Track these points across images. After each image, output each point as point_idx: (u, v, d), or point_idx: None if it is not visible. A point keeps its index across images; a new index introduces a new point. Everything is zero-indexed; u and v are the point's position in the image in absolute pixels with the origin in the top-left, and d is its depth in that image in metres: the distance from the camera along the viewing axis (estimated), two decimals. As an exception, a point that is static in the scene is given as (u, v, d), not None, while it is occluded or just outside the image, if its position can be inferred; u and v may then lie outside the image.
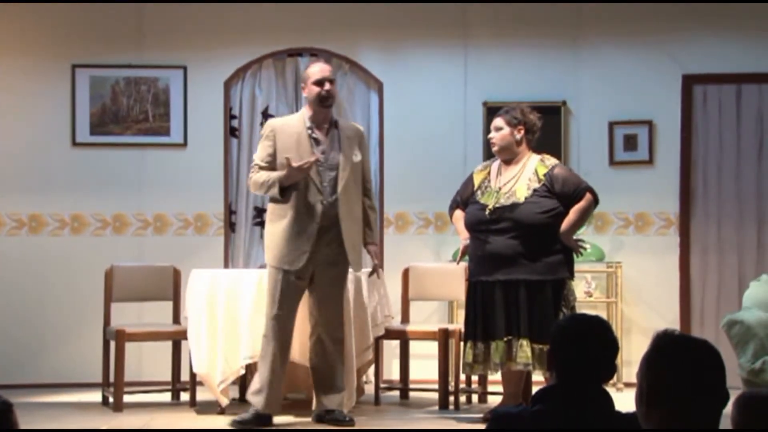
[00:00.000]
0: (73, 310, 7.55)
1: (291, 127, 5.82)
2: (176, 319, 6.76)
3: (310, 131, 5.78)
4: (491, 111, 7.63)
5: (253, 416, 5.74)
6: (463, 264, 6.91)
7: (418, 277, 6.97)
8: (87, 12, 7.70)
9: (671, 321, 7.40)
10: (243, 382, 6.61)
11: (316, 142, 5.78)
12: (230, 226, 7.81)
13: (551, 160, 5.90)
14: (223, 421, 5.97)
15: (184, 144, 7.73)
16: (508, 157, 5.90)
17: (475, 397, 6.78)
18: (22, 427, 2.32)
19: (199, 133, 7.73)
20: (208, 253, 7.64)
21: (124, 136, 7.72)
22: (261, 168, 5.77)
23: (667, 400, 2.31)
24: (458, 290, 6.81)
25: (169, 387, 6.72)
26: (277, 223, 5.75)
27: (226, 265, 7.67)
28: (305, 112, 5.86)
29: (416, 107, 7.78)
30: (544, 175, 5.78)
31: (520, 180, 5.81)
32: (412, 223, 7.76)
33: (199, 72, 7.72)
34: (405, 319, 6.95)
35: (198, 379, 6.34)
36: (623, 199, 7.64)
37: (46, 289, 7.59)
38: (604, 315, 7.53)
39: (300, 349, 6.06)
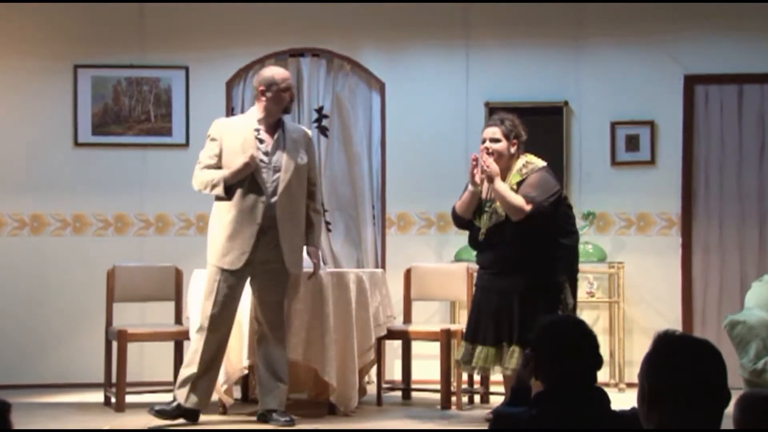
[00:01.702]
0: (75, 310, 7.55)
1: (238, 127, 5.90)
2: (178, 319, 6.77)
3: (256, 132, 5.85)
4: (493, 111, 7.62)
5: (173, 409, 5.79)
6: (464, 264, 6.92)
7: (420, 277, 6.97)
8: (89, 12, 7.70)
9: (673, 321, 7.40)
10: (245, 382, 6.62)
11: (260, 142, 5.84)
12: (232, 227, 7.80)
13: (532, 165, 5.79)
14: (226, 421, 5.99)
15: (186, 144, 7.73)
16: (500, 169, 5.83)
17: (477, 398, 6.78)
18: (25, 427, 2.33)
19: (200, 134, 7.67)
20: (210, 253, 7.63)
21: (126, 136, 7.72)
22: (205, 167, 5.85)
23: (669, 401, 2.31)
24: (460, 290, 6.81)
25: (171, 387, 6.71)
26: (220, 221, 5.83)
27: (227, 266, 7.67)
28: (255, 113, 5.92)
29: (418, 107, 7.78)
30: (518, 183, 5.73)
31: None
32: (413, 224, 7.76)
33: (201, 72, 7.73)
34: (407, 319, 6.96)
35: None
36: (625, 199, 7.64)
37: (48, 290, 7.59)
38: (606, 315, 7.54)
39: (301, 348, 6.07)
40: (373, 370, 6.78)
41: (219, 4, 7.72)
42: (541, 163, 5.84)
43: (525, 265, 5.67)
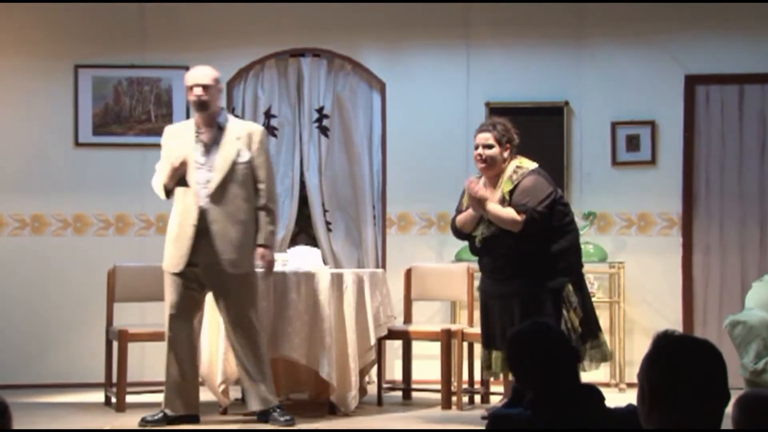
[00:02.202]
0: (76, 310, 7.55)
1: (181, 130, 5.98)
2: (179, 319, 6.76)
3: (197, 134, 5.90)
4: (494, 111, 7.64)
5: (160, 418, 5.86)
6: (464, 264, 6.93)
7: (421, 277, 6.97)
8: (90, 12, 7.70)
9: (674, 321, 7.40)
10: (245, 383, 6.62)
11: (202, 143, 5.88)
12: (233, 227, 7.80)
13: (522, 170, 5.77)
14: (226, 422, 5.99)
15: (187, 144, 7.73)
16: (493, 174, 5.82)
17: (477, 398, 6.78)
18: (27, 427, 2.33)
19: (201, 134, 7.72)
20: (211, 253, 7.63)
21: (127, 136, 7.72)
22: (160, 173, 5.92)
23: (669, 401, 2.31)
24: (461, 290, 6.81)
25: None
26: (169, 225, 5.92)
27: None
28: (194, 117, 6.01)
29: (419, 107, 7.78)
30: (510, 192, 5.71)
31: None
32: (414, 224, 7.76)
33: (202, 72, 7.72)
34: (408, 319, 6.95)
35: (199, 379, 6.34)
36: (626, 199, 7.64)
37: (49, 290, 7.59)
38: (606, 315, 7.53)
39: (302, 348, 6.06)
40: (374, 370, 6.78)
41: (220, 4, 7.72)
42: (532, 165, 5.82)
43: (523, 270, 5.67)
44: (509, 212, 5.64)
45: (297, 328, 6.05)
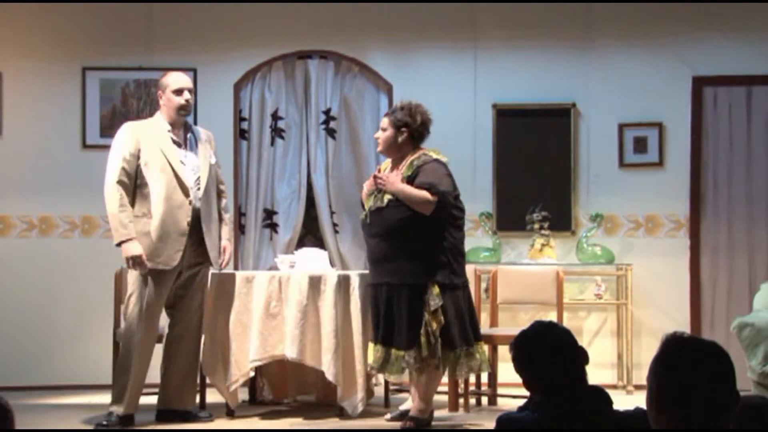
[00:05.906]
0: (84, 311, 7.57)
1: (151, 129, 6.03)
2: (186, 320, 6.77)
3: (171, 135, 6.02)
4: (501, 113, 7.65)
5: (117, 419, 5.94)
6: (471, 266, 6.92)
7: (428, 279, 6.95)
8: (97, 14, 7.72)
9: (681, 323, 7.39)
10: (253, 384, 6.62)
11: (178, 145, 6.02)
12: (240, 228, 7.82)
13: (426, 157, 5.82)
14: (233, 423, 6.00)
15: (194, 146, 7.74)
16: (393, 157, 5.93)
17: (485, 400, 6.77)
18: (35, 428, 2.34)
19: (208, 135, 7.73)
20: (218, 255, 7.64)
21: (134, 138, 7.72)
22: (125, 170, 5.93)
23: (677, 403, 2.31)
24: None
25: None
26: (141, 222, 5.93)
27: (236, 267, 7.68)
28: (162, 118, 6.07)
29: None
30: (409, 176, 5.77)
31: None
32: (421, 225, 7.75)
33: (209, 74, 7.74)
34: (414, 321, 6.94)
35: (208, 380, 6.35)
36: (633, 201, 7.63)
37: (57, 291, 7.60)
38: (614, 317, 7.53)
39: (307, 350, 6.06)
40: (381, 372, 6.77)
41: (227, 5, 7.73)
42: (439, 156, 5.87)
43: (395, 260, 5.71)
44: (421, 192, 5.66)
45: (304, 330, 6.05)
